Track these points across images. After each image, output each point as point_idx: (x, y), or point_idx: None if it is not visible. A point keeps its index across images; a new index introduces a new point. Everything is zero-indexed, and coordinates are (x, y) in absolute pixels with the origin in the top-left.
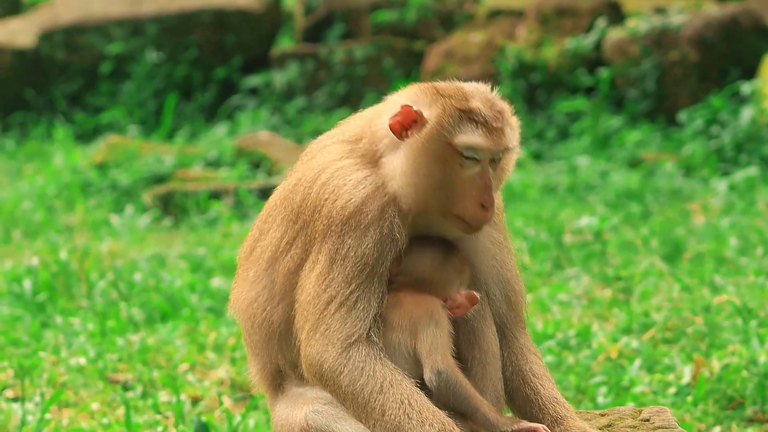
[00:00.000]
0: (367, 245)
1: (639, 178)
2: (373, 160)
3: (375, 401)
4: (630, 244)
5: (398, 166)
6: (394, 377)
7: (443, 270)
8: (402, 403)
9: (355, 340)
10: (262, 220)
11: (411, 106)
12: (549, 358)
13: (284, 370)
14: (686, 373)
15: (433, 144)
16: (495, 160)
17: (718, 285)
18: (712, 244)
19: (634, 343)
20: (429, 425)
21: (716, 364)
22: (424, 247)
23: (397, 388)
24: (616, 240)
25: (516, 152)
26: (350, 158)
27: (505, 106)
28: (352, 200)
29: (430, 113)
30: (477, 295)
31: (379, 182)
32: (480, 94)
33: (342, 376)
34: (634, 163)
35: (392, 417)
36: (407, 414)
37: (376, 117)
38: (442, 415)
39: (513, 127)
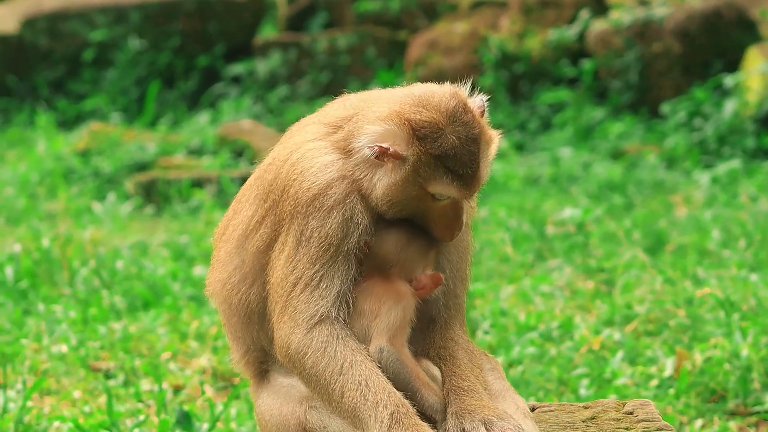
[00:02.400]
0: (330, 226)
1: (621, 170)
2: (345, 149)
3: (335, 383)
4: (612, 235)
5: (376, 182)
6: (354, 358)
7: (407, 251)
8: (360, 384)
9: (319, 319)
10: (237, 200)
11: (388, 149)
12: (531, 349)
13: (270, 351)
14: (668, 366)
15: (409, 183)
16: None
17: (700, 277)
18: (694, 236)
19: (617, 335)
20: (383, 407)
21: (698, 357)
22: (389, 229)
23: (356, 369)
24: (598, 231)
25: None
26: (323, 141)
27: (481, 138)
28: (317, 182)
29: (407, 155)
30: (442, 276)
31: (347, 171)
32: (455, 122)
33: (306, 357)
34: (616, 155)
35: (350, 399)
36: (363, 395)
37: (362, 119)
38: (397, 396)
39: (489, 157)
